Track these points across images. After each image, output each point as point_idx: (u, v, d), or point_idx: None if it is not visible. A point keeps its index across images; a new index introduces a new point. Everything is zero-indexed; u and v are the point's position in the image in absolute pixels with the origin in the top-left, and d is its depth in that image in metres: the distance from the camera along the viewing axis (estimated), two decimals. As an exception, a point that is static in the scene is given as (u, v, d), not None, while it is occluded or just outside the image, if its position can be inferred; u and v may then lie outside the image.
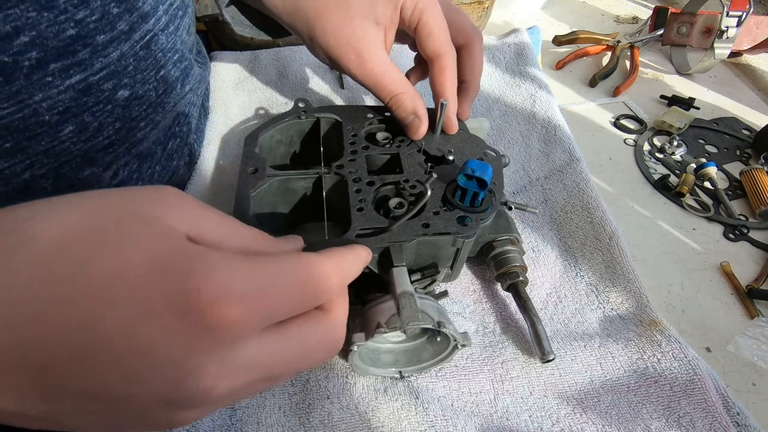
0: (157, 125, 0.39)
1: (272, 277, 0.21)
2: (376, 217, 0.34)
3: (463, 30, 0.42)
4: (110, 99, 0.34)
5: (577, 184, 0.46)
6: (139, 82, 0.36)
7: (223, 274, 0.19)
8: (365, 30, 0.37)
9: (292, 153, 0.46)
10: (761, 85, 0.82)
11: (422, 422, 0.33)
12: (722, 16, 0.76)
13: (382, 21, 0.38)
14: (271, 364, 0.21)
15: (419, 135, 0.40)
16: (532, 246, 0.44)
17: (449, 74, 0.39)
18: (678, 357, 0.35)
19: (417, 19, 0.38)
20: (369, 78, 0.38)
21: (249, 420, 0.33)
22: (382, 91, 0.39)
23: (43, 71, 0.29)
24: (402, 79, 0.39)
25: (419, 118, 0.40)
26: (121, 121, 0.35)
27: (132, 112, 0.36)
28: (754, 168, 0.63)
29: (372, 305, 0.33)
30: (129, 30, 0.33)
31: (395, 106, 0.40)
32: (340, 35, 0.37)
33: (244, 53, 0.62)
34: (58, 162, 0.33)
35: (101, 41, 0.31)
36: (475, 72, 0.42)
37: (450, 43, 0.39)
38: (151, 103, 0.38)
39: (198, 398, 0.19)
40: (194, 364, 0.18)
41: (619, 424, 0.33)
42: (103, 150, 0.35)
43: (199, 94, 0.48)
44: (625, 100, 0.77)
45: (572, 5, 1.02)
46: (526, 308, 0.37)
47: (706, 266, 0.55)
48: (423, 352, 0.35)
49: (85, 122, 0.33)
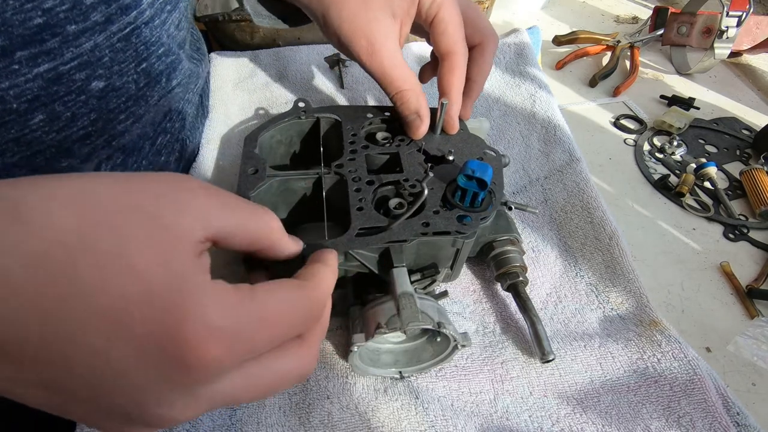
0: (140, 119, 0.39)
1: (259, 313, 0.20)
2: (376, 217, 0.34)
3: (480, 30, 0.41)
4: (83, 89, 0.33)
5: (577, 184, 0.46)
6: (116, 74, 0.35)
7: (209, 312, 0.18)
8: (380, 20, 0.37)
9: (292, 153, 0.46)
10: (761, 85, 0.82)
11: (422, 422, 0.33)
12: (722, 16, 0.76)
13: (398, 13, 0.38)
14: (240, 395, 0.21)
15: (419, 135, 0.40)
16: (532, 246, 0.44)
17: (458, 73, 0.39)
18: (678, 357, 0.35)
19: (434, 14, 0.38)
20: (377, 69, 0.38)
21: (249, 420, 0.33)
22: (388, 85, 0.39)
23: (9, 59, 0.29)
24: (410, 76, 0.39)
25: (420, 118, 0.40)
26: (96, 112, 0.35)
27: (109, 104, 0.35)
28: (754, 168, 0.63)
29: (372, 306, 0.33)
30: (105, 21, 0.33)
31: (399, 102, 0.39)
32: (354, 21, 0.37)
33: (244, 53, 0.62)
34: (30, 151, 0.32)
35: (72, 31, 0.31)
36: (482, 73, 0.42)
37: (464, 42, 0.39)
38: (130, 96, 0.37)
39: (159, 424, 0.19)
40: (163, 397, 0.18)
41: (619, 424, 0.33)
42: (80, 141, 0.35)
43: (194, 91, 0.48)
44: (625, 100, 0.77)
45: (572, 5, 1.02)
46: (526, 308, 0.37)
47: (706, 266, 0.55)
48: (423, 353, 0.35)
49: (56, 112, 0.32)
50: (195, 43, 0.51)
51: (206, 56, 0.53)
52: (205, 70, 0.51)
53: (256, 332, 0.20)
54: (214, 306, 0.18)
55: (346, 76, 0.59)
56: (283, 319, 0.22)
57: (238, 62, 0.61)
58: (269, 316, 0.21)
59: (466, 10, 0.41)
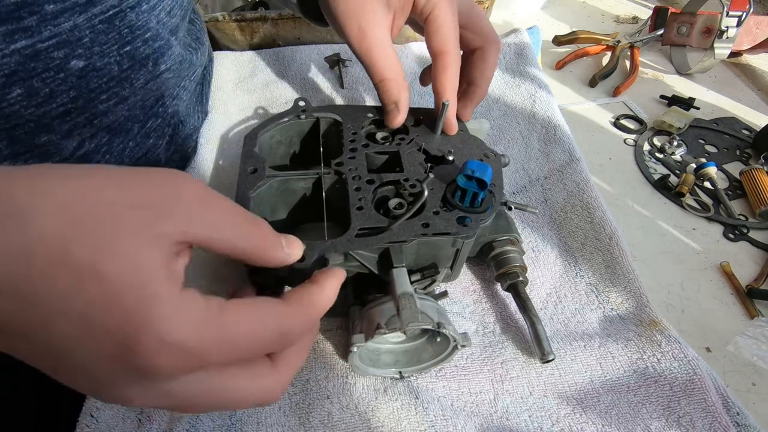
0: (125, 100, 0.40)
1: (222, 332, 0.20)
2: (375, 217, 0.34)
3: (482, 33, 0.42)
4: (62, 67, 0.34)
5: (577, 184, 0.46)
6: (96, 55, 0.36)
7: (167, 325, 0.19)
8: (374, 7, 0.38)
9: (291, 153, 0.46)
10: (761, 85, 0.82)
11: (422, 422, 0.33)
12: (722, 16, 0.76)
13: (393, 4, 0.38)
14: (194, 402, 0.22)
15: (394, 124, 0.41)
16: (532, 246, 0.44)
17: (450, 73, 0.39)
18: (678, 357, 0.35)
19: (428, 11, 0.38)
20: (365, 55, 0.39)
21: (249, 420, 0.33)
22: (373, 72, 0.39)
23: None
24: (395, 66, 0.39)
25: (398, 108, 0.40)
26: (76, 90, 0.36)
27: (90, 83, 0.36)
28: (754, 168, 0.63)
29: (372, 306, 0.33)
30: (86, 3, 0.34)
31: (381, 90, 0.40)
32: (349, 5, 0.38)
33: (244, 53, 0.62)
34: (9, 124, 0.33)
35: (50, 10, 0.32)
36: (485, 77, 0.42)
37: (456, 43, 0.39)
38: (113, 77, 0.38)
39: (116, 402, 0.21)
40: (119, 384, 0.20)
41: (618, 424, 0.33)
42: (59, 118, 0.36)
43: (190, 78, 0.48)
44: (625, 100, 0.77)
45: (572, 5, 1.02)
46: (525, 308, 0.37)
47: (706, 266, 0.55)
48: (423, 353, 0.35)
49: (34, 87, 0.33)
50: (195, 32, 0.51)
51: (205, 46, 0.54)
52: (202, 58, 0.52)
53: (215, 350, 0.20)
54: (175, 319, 0.19)
55: (346, 76, 0.59)
56: (249, 340, 0.22)
57: (238, 62, 0.61)
58: (233, 337, 0.21)
59: (468, 13, 0.41)
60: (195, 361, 0.20)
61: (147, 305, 0.19)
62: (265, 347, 0.23)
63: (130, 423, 0.33)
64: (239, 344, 0.21)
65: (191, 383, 0.21)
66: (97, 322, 0.18)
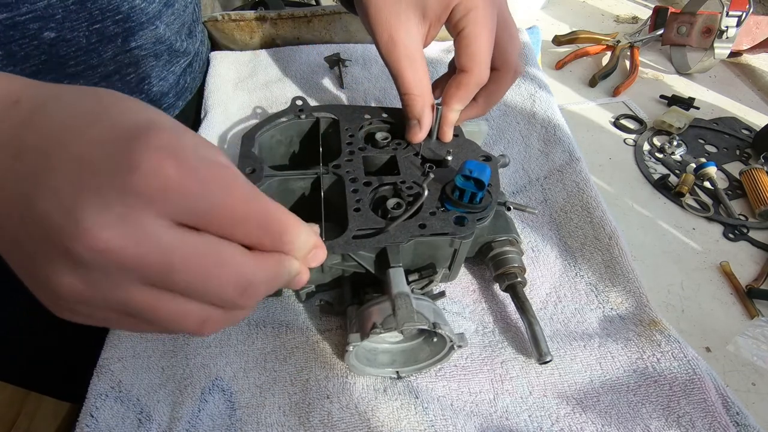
0: (94, 68, 0.44)
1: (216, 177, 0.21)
2: (373, 218, 0.34)
3: (504, 56, 0.40)
4: (36, 36, 0.39)
5: (577, 184, 0.46)
6: (67, 29, 0.40)
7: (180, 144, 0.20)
8: (408, 17, 0.37)
9: (291, 153, 0.46)
10: (761, 85, 0.82)
11: (422, 422, 0.33)
12: (722, 16, 0.76)
13: (429, 15, 0.37)
14: (171, 259, 0.20)
15: (415, 140, 0.40)
16: (532, 246, 0.44)
17: (463, 91, 0.39)
18: (677, 357, 0.35)
19: (462, 27, 0.37)
20: (393, 65, 0.38)
21: (249, 420, 0.33)
22: (399, 84, 0.39)
23: None
24: (422, 81, 0.39)
25: (420, 125, 0.40)
26: (47, 55, 0.41)
27: (59, 51, 0.41)
28: (754, 168, 0.63)
29: (368, 305, 0.33)
30: None
31: (405, 104, 0.40)
32: (383, 12, 0.37)
33: (244, 53, 0.62)
34: None
35: None
36: (490, 100, 0.42)
37: (485, 64, 0.38)
38: (81, 47, 0.42)
39: (83, 246, 0.18)
40: (94, 206, 0.18)
41: (618, 423, 0.33)
42: (32, 76, 0.38)
43: (174, 62, 0.52)
44: (624, 100, 0.77)
45: (572, 5, 1.02)
46: (524, 309, 0.37)
47: (706, 266, 0.55)
48: (420, 353, 0.35)
49: (12, 51, 0.39)
50: (187, 25, 0.54)
51: (197, 39, 0.57)
52: (191, 49, 0.55)
53: (187, 188, 0.19)
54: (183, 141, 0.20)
55: (345, 76, 0.59)
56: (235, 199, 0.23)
57: (238, 62, 0.61)
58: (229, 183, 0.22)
59: (501, 32, 0.39)
60: (181, 195, 0.19)
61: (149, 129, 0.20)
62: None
63: (130, 423, 0.33)
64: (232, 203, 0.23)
65: (174, 234, 0.20)
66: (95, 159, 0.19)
